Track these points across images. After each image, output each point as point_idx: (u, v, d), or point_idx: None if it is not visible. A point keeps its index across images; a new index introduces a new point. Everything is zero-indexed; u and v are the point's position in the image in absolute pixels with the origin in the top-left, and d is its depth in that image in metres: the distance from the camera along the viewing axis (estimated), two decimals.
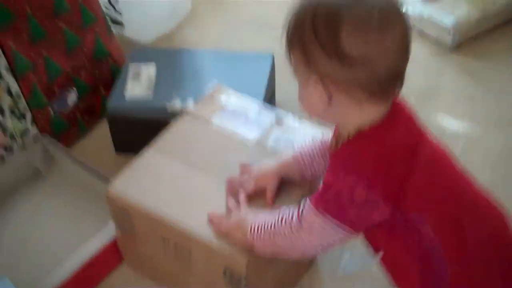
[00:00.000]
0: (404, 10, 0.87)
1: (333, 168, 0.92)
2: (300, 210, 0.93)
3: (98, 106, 1.59)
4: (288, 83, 1.03)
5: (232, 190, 1.08)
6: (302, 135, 1.17)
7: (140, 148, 1.29)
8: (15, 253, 1.34)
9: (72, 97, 1.52)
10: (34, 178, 1.48)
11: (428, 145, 0.92)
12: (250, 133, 1.19)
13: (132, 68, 1.50)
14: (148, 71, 1.49)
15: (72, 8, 1.48)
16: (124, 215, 1.14)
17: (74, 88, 1.53)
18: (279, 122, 1.21)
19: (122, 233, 1.19)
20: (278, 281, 1.17)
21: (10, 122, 1.41)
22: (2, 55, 1.36)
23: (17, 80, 1.41)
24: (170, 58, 1.56)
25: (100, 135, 1.58)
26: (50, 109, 1.49)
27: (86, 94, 1.56)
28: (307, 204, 0.92)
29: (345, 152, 0.91)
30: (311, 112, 0.91)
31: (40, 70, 1.44)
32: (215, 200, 1.08)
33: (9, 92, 1.39)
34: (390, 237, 0.93)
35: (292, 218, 0.94)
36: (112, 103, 1.43)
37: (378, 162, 0.87)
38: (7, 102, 1.39)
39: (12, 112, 1.41)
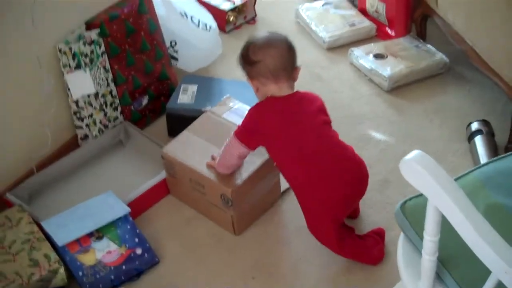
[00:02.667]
0: (286, 40, 1.71)
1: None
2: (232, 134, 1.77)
3: (159, 108, 2.42)
4: None
5: None
6: None
7: None
8: (106, 188, 2.01)
9: (145, 101, 2.36)
10: (119, 146, 2.26)
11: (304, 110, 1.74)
12: None
13: (183, 87, 2.35)
14: (193, 89, 2.34)
15: (151, 47, 2.33)
16: (170, 165, 1.98)
17: (147, 96, 2.36)
18: None
19: (169, 176, 2.04)
20: (254, 205, 1.96)
21: (109, 111, 2.26)
22: (110, 72, 2.21)
23: (116, 87, 2.25)
24: (206, 82, 2.37)
25: (158, 125, 2.40)
26: (132, 106, 2.33)
27: (152, 100, 2.39)
28: (233, 132, 1.77)
29: (253, 107, 1.78)
30: (256, 95, 1.79)
31: (129, 83, 2.28)
32: None
33: (111, 94, 2.26)
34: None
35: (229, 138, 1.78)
36: (170, 105, 2.27)
37: (259, 113, 1.74)
38: (109, 100, 2.26)
39: (111, 105, 2.26)
